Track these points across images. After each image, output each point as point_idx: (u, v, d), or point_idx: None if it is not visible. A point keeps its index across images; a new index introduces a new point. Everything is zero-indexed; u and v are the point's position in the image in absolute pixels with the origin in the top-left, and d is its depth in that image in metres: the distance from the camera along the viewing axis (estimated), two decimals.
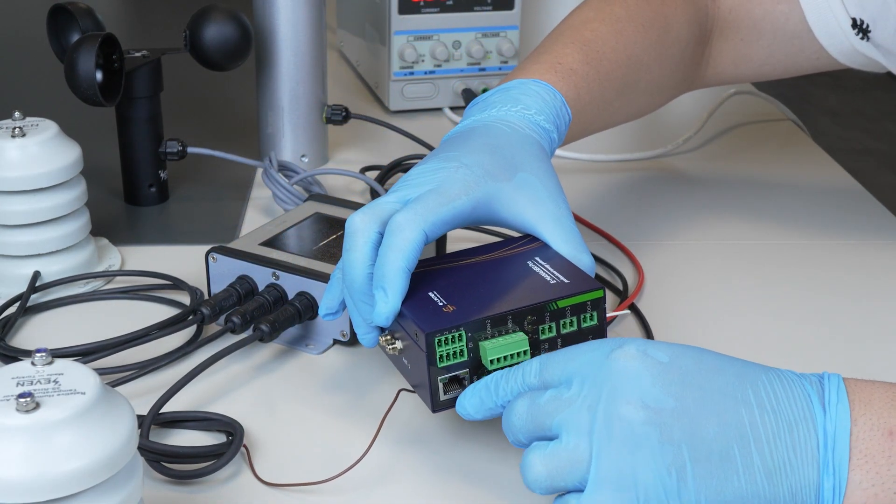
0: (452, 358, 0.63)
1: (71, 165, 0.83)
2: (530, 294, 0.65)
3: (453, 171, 0.69)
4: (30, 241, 0.84)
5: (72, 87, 0.91)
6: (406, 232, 0.66)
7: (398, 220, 0.66)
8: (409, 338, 0.64)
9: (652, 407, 0.55)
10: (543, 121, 0.77)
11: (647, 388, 0.56)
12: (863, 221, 0.99)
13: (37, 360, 0.50)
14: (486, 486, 0.65)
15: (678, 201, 1.02)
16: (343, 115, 1.08)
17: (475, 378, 0.63)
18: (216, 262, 0.80)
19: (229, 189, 1.04)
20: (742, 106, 1.25)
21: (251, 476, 0.65)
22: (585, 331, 0.65)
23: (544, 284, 0.65)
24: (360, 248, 0.67)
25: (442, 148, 0.74)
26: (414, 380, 0.66)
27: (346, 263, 0.67)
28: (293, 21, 1.03)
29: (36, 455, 0.47)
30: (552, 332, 0.64)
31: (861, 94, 4.03)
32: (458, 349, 0.63)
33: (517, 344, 0.63)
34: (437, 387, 0.63)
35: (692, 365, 0.56)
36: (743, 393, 0.55)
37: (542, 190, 0.71)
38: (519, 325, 0.63)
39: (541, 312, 0.64)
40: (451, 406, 0.64)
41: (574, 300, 0.64)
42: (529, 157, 0.72)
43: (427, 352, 0.62)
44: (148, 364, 0.74)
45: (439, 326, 0.62)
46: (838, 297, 0.86)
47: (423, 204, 0.67)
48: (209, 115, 1.24)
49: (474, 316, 0.63)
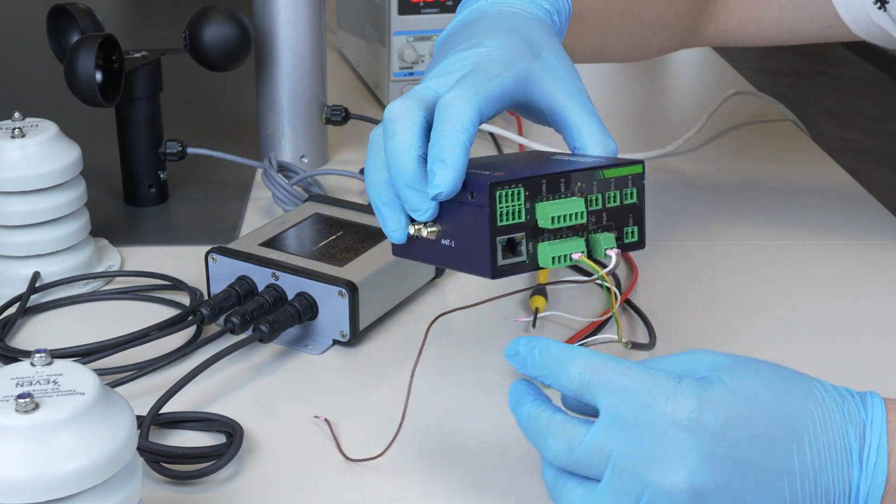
0: (511, 217, 0.61)
1: (71, 166, 0.83)
2: (572, 165, 0.64)
3: (485, 53, 0.66)
4: (30, 241, 0.84)
5: (71, 88, 0.91)
6: (461, 104, 0.62)
7: (450, 97, 0.62)
8: (460, 208, 0.62)
9: (697, 489, 0.54)
10: (544, 2, 0.74)
11: (694, 468, 0.54)
12: (863, 221, 0.98)
13: (36, 360, 0.50)
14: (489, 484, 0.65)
15: (677, 201, 1.02)
16: (343, 115, 1.08)
17: (530, 244, 0.62)
18: (216, 262, 0.80)
19: (229, 189, 1.04)
20: (742, 106, 1.25)
21: (251, 476, 0.65)
22: (627, 207, 0.65)
23: (582, 161, 0.65)
24: (409, 130, 0.62)
25: (452, 41, 0.71)
26: (463, 255, 0.63)
27: (392, 150, 0.63)
28: (293, 21, 1.04)
29: (35, 455, 0.47)
30: (598, 204, 0.64)
31: (861, 94, 4.03)
32: (516, 207, 0.61)
33: (573, 204, 0.62)
34: (496, 249, 0.61)
35: (742, 435, 0.54)
36: (788, 462, 0.54)
37: (565, 72, 0.69)
38: (571, 191, 0.63)
39: (589, 179, 0.63)
40: (508, 273, 0.62)
41: (618, 171, 0.64)
42: (546, 37, 0.70)
43: (489, 207, 0.60)
44: (147, 364, 0.74)
45: (498, 180, 0.60)
46: (838, 297, 0.86)
47: (469, 81, 0.64)
48: (209, 115, 1.24)
49: (527, 175, 0.61)
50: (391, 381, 0.75)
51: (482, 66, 0.65)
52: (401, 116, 0.63)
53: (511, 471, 0.66)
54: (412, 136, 0.62)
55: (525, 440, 0.59)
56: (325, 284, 0.76)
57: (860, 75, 4.15)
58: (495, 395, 0.73)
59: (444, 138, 0.61)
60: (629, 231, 0.65)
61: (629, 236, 0.65)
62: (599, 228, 0.64)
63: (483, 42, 0.68)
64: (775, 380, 0.56)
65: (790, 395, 0.56)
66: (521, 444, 0.68)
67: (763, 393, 0.55)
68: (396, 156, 0.63)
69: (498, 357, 0.77)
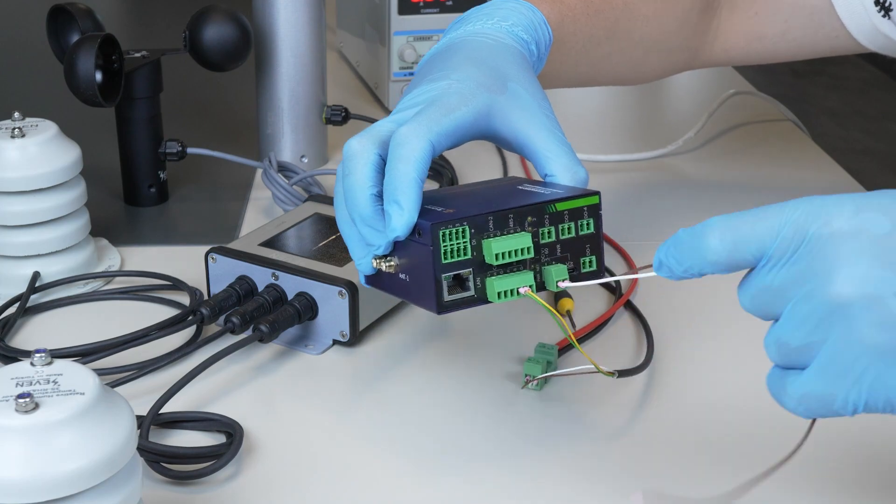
0: (456, 255, 0.62)
1: (70, 166, 0.83)
2: (529, 198, 0.65)
3: (446, 87, 0.67)
4: (29, 241, 0.84)
5: (71, 88, 0.91)
6: (413, 142, 0.63)
7: (402, 133, 0.64)
8: (410, 245, 0.63)
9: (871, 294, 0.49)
10: (521, 31, 0.75)
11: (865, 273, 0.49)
12: None
13: (36, 360, 0.50)
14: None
15: (677, 201, 1.02)
16: (343, 115, 1.08)
17: (478, 280, 0.63)
18: (216, 262, 0.80)
19: (229, 189, 1.04)
20: (742, 106, 1.25)
21: (251, 476, 0.65)
22: (583, 238, 0.65)
23: (541, 193, 0.66)
24: (361, 170, 0.64)
25: (425, 70, 0.72)
26: (415, 290, 0.64)
27: (348, 188, 0.65)
28: (293, 21, 1.03)
29: (35, 455, 0.47)
30: (551, 236, 0.64)
31: (861, 94, 4.03)
32: (461, 245, 0.62)
33: (520, 240, 0.62)
34: (442, 286, 0.62)
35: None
36: None
37: (533, 102, 0.69)
38: (520, 226, 0.63)
39: (540, 213, 0.64)
40: (454, 308, 0.63)
41: (572, 203, 0.64)
42: (515, 67, 0.71)
43: (433, 246, 0.61)
44: (147, 364, 0.74)
45: (442, 219, 0.61)
46: None
47: (424, 116, 0.65)
48: (209, 115, 1.24)
49: (474, 212, 0.62)
50: (391, 381, 0.75)
51: (440, 99, 0.66)
52: (356, 155, 0.65)
53: (512, 471, 0.66)
54: (366, 176, 0.64)
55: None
56: (325, 284, 0.76)
57: (860, 75, 4.15)
58: (497, 395, 0.73)
59: (397, 179, 0.63)
60: (586, 261, 0.66)
61: (586, 266, 0.66)
62: (553, 260, 0.64)
63: (450, 75, 0.69)
64: None
65: None
66: (522, 444, 0.68)
67: None
68: (352, 194, 0.65)
69: (499, 357, 0.77)
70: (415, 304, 0.66)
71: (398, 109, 0.68)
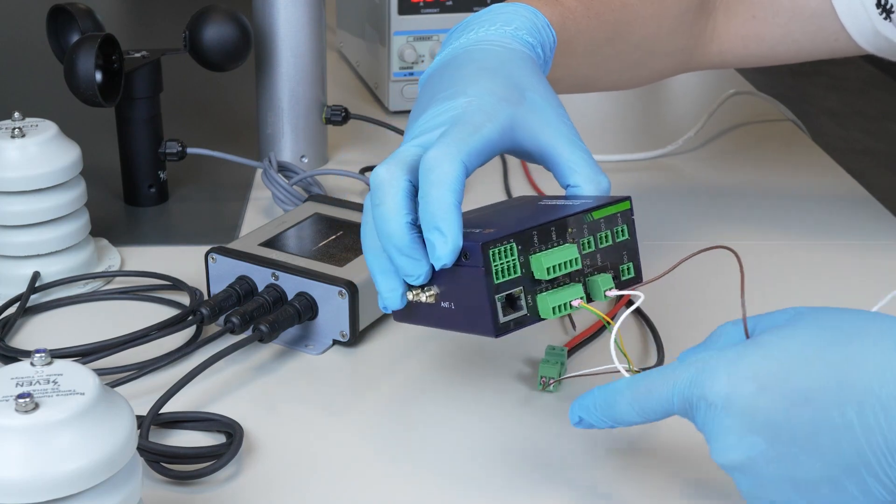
0: (507, 273, 0.61)
1: (70, 166, 0.83)
2: (561, 211, 0.64)
3: (466, 104, 0.65)
4: (29, 241, 0.84)
5: (71, 88, 0.91)
6: (445, 165, 0.61)
7: (433, 157, 0.61)
8: (455, 270, 0.61)
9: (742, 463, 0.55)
10: (526, 35, 0.73)
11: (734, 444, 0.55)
12: (863, 222, 0.98)
13: (36, 360, 0.50)
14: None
15: (677, 201, 1.02)
16: (343, 115, 1.08)
17: (529, 297, 0.62)
18: (216, 262, 0.80)
19: (229, 189, 1.04)
20: (742, 106, 1.25)
21: (251, 476, 0.65)
22: (620, 245, 0.65)
23: (571, 206, 0.65)
24: (393, 198, 0.62)
25: (435, 86, 0.70)
26: (462, 316, 0.62)
27: (380, 218, 0.62)
28: (293, 21, 1.03)
29: (35, 455, 0.47)
30: (591, 246, 0.64)
31: (861, 94, 4.03)
32: (511, 263, 0.61)
33: (567, 252, 0.62)
34: (497, 307, 0.61)
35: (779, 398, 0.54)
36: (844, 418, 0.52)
37: (551, 111, 0.68)
38: (563, 239, 0.63)
39: (580, 224, 0.63)
40: (509, 330, 0.62)
41: (607, 211, 0.64)
42: (528, 74, 0.69)
43: (484, 265, 0.60)
44: (147, 364, 0.74)
45: (490, 238, 0.60)
46: (838, 297, 0.86)
47: (451, 137, 0.63)
48: (209, 115, 1.24)
49: (517, 228, 0.61)
50: (391, 381, 0.75)
51: (464, 118, 0.64)
52: (385, 183, 0.62)
53: (512, 471, 0.66)
54: (399, 204, 0.62)
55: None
56: (325, 284, 0.76)
57: (860, 75, 4.15)
58: (498, 395, 0.73)
59: (434, 205, 0.61)
60: (625, 268, 0.66)
61: (626, 273, 0.66)
62: (595, 271, 0.64)
63: (466, 90, 0.67)
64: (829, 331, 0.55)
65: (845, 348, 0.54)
66: (523, 445, 0.68)
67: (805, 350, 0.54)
68: (386, 224, 0.62)
69: (499, 356, 0.77)
70: (463, 332, 0.64)
71: (419, 132, 0.66)
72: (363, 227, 0.65)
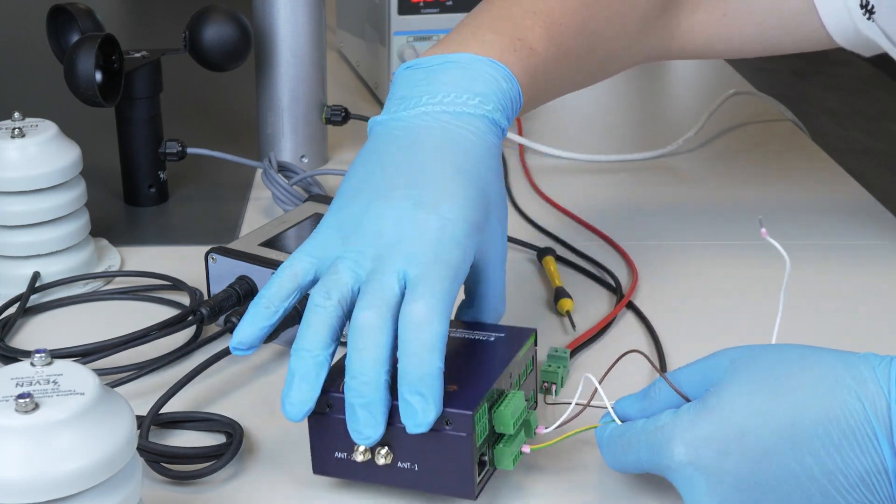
0: (482, 435, 0.59)
1: (70, 166, 0.83)
2: (495, 354, 0.64)
3: (440, 232, 0.62)
4: (29, 241, 0.84)
5: (71, 88, 0.91)
6: (435, 325, 0.58)
7: (421, 313, 0.58)
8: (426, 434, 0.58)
9: None
10: (501, 117, 0.69)
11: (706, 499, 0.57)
12: (863, 222, 0.98)
13: (36, 360, 0.50)
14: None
15: (677, 201, 1.02)
16: (343, 115, 1.08)
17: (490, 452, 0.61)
18: (216, 262, 0.80)
19: (229, 189, 1.04)
20: (742, 106, 1.25)
21: (251, 476, 0.65)
22: (531, 374, 0.67)
23: (492, 344, 0.65)
24: (380, 349, 0.58)
25: (393, 156, 0.67)
26: (427, 478, 0.59)
27: (359, 364, 0.58)
28: (293, 21, 1.04)
29: (35, 456, 0.47)
30: (522, 380, 0.66)
31: (861, 94, 4.03)
32: (483, 424, 0.59)
33: (519, 398, 0.61)
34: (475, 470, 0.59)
35: (740, 459, 0.56)
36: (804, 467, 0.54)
37: (500, 236, 0.67)
38: (510, 386, 0.64)
39: (515, 366, 0.64)
40: (482, 488, 0.60)
41: (525, 347, 0.66)
42: (495, 177, 0.67)
43: (469, 434, 0.57)
44: (147, 364, 0.74)
45: (473, 404, 0.58)
46: (838, 297, 0.86)
47: (437, 287, 0.59)
48: (209, 115, 1.24)
49: (485, 387, 0.59)
50: None
51: (442, 257, 0.61)
52: (373, 329, 0.59)
53: (513, 471, 0.66)
54: (384, 357, 0.58)
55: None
56: None
57: (860, 75, 4.15)
58: None
59: (422, 369, 0.57)
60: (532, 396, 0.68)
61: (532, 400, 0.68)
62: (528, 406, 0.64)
63: (438, 203, 0.62)
64: (772, 381, 0.56)
65: (791, 397, 0.56)
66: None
67: (752, 407, 0.56)
68: (363, 374, 0.58)
69: None
70: (428, 492, 0.60)
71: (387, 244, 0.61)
72: (305, 328, 0.61)
